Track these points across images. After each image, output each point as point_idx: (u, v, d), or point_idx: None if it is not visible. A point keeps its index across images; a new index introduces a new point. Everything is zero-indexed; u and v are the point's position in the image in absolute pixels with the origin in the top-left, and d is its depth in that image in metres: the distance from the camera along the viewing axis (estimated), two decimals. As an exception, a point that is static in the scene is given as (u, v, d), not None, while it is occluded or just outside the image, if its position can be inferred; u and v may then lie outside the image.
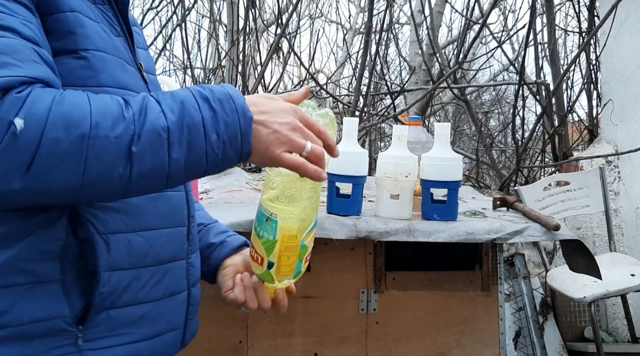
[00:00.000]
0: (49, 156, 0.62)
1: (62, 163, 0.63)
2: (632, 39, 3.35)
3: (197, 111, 0.68)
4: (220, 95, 0.70)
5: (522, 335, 2.83)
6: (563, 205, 3.02)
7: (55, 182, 0.63)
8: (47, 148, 0.62)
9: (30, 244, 0.70)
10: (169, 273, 0.84)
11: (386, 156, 1.71)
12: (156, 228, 0.81)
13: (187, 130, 0.67)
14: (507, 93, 6.56)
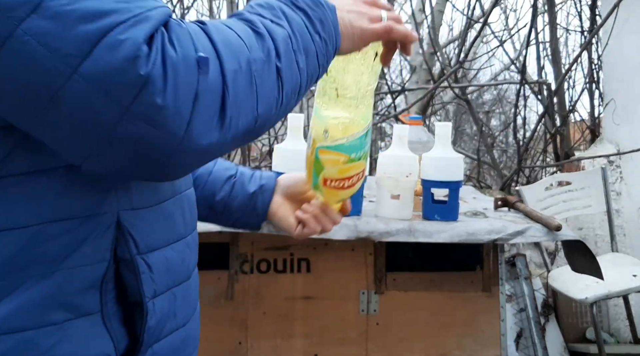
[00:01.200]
0: (234, 88, 0.54)
1: (243, 94, 0.55)
2: (634, 38, 3.34)
3: (295, 13, 0.62)
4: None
5: (523, 336, 2.82)
6: (565, 205, 3.00)
7: (234, 122, 0.55)
8: (230, 79, 0.54)
9: (71, 269, 0.58)
10: (191, 286, 0.74)
11: (387, 156, 1.70)
12: (184, 237, 0.71)
13: (299, 35, 0.61)
14: (509, 93, 6.55)
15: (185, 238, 0.72)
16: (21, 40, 0.48)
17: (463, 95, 4.17)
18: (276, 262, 1.86)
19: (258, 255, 1.84)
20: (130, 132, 0.51)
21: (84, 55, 0.49)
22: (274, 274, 1.87)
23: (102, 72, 0.49)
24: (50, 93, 0.49)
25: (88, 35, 0.49)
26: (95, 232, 0.59)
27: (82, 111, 0.50)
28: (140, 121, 0.50)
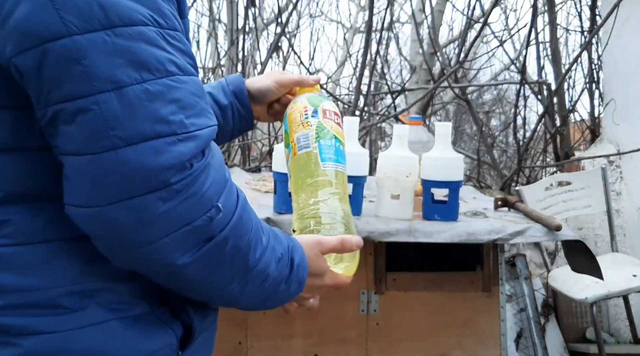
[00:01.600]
0: (215, 249, 0.63)
1: (215, 260, 0.64)
2: (634, 38, 3.33)
3: (285, 268, 0.74)
4: (300, 261, 0.77)
5: (523, 336, 2.82)
6: (565, 205, 3.00)
7: (193, 272, 0.64)
8: (219, 241, 0.63)
9: (130, 274, 0.67)
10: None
11: (387, 156, 1.70)
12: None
13: (272, 282, 0.73)
14: (509, 93, 6.55)
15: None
16: (87, 104, 0.57)
17: (463, 95, 4.17)
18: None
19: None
20: (122, 217, 0.59)
21: (131, 143, 0.57)
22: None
23: (137, 163, 0.58)
24: (87, 151, 0.58)
25: (143, 132, 0.58)
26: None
27: (98, 180, 0.58)
28: (133, 213, 0.59)
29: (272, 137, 4.00)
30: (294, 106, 1.01)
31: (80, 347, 0.63)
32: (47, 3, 0.56)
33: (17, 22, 0.56)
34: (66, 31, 0.56)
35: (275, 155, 1.64)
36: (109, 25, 0.56)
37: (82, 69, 0.57)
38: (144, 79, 0.58)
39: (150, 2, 0.59)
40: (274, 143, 3.91)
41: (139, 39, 0.58)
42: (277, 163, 1.62)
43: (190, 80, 0.62)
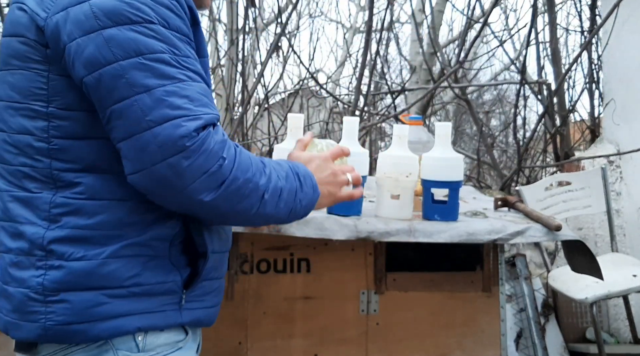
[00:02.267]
0: (229, 186, 0.92)
1: (233, 193, 0.92)
2: (634, 38, 3.34)
3: (294, 181, 1.02)
4: (304, 173, 1.05)
5: (523, 336, 2.82)
6: (565, 206, 3.01)
7: (222, 204, 0.93)
8: (231, 179, 0.91)
9: (156, 228, 0.97)
10: (227, 256, 1.13)
11: (387, 156, 1.70)
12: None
13: (288, 193, 1.00)
14: (509, 93, 6.55)
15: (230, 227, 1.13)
16: (130, 103, 0.89)
17: (463, 95, 4.17)
18: (276, 262, 1.86)
19: (258, 255, 1.84)
20: (163, 172, 0.89)
21: (159, 123, 0.88)
22: (274, 274, 1.87)
23: (164, 136, 0.88)
24: (131, 134, 0.89)
25: (167, 115, 0.88)
26: (169, 214, 0.98)
27: (144, 150, 0.89)
28: (169, 169, 0.89)
29: (272, 137, 4.00)
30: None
31: (109, 270, 0.94)
32: (104, 45, 0.89)
33: (87, 56, 0.90)
34: (115, 59, 0.89)
35: (275, 155, 1.64)
36: (141, 53, 0.89)
37: (125, 81, 0.89)
38: (164, 84, 0.89)
39: (169, 40, 0.92)
40: (274, 143, 3.91)
41: (159, 61, 0.90)
42: (277, 163, 1.62)
43: (196, 85, 0.92)
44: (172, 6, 0.93)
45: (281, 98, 5.41)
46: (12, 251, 0.97)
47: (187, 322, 1.02)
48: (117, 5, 0.90)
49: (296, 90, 4.74)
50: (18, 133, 0.97)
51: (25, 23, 0.94)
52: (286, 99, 5.21)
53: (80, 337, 0.94)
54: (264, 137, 4.22)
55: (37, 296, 0.93)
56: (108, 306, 0.94)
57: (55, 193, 0.95)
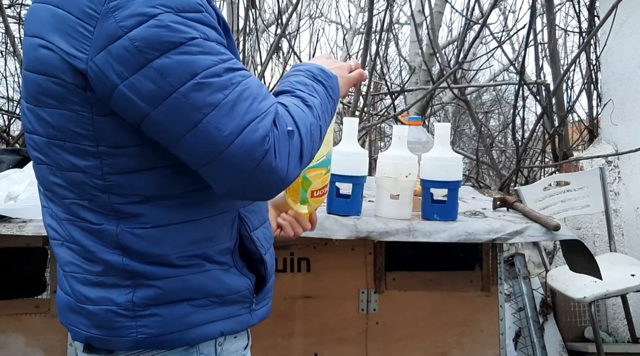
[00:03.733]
0: (305, 145, 0.96)
1: (309, 146, 0.98)
2: (632, 39, 3.35)
3: (318, 85, 1.07)
4: (319, 72, 1.09)
5: (522, 335, 2.83)
6: (563, 205, 3.02)
7: (306, 160, 0.98)
8: (304, 140, 0.96)
9: (221, 242, 1.02)
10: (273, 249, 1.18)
11: (386, 156, 1.71)
12: (266, 220, 1.15)
13: (323, 101, 1.05)
14: (507, 94, 6.56)
15: (267, 220, 1.16)
16: (203, 126, 0.89)
17: (462, 96, 4.18)
18: (276, 262, 1.87)
19: (258, 255, 1.85)
20: (260, 177, 0.92)
21: (239, 134, 0.89)
22: (274, 273, 1.88)
23: (248, 144, 0.89)
24: (215, 154, 0.90)
25: (242, 123, 0.89)
26: (228, 221, 1.04)
27: (233, 165, 0.90)
28: (264, 172, 0.91)
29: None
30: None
31: (195, 285, 1.00)
32: (158, 77, 0.88)
33: (145, 92, 0.88)
34: (173, 89, 0.88)
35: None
36: (195, 73, 0.89)
37: (190, 106, 0.88)
38: (226, 94, 0.90)
39: (214, 50, 0.91)
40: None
41: (214, 75, 0.90)
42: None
43: (251, 80, 0.94)
44: (205, 19, 0.92)
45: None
46: (88, 272, 0.99)
47: (256, 323, 1.09)
48: (156, 33, 0.87)
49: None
50: (69, 171, 0.97)
51: (58, 65, 0.90)
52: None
53: (172, 345, 1.00)
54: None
55: (126, 313, 0.97)
56: (195, 316, 1.00)
57: (118, 225, 0.97)
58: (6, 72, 4.26)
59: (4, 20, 3.42)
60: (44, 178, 1.02)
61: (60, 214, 1.01)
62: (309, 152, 0.99)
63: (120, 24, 0.86)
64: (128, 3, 0.87)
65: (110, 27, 0.87)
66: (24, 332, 1.78)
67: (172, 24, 0.88)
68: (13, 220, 1.58)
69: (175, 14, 0.88)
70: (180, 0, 0.89)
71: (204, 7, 0.93)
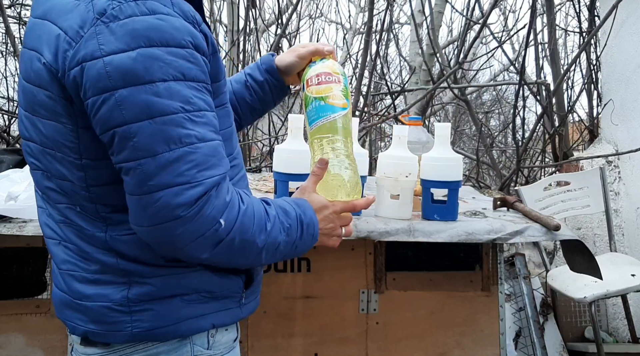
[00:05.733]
0: (226, 246, 0.96)
1: (229, 252, 0.97)
2: (632, 39, 3.35)
3: (296, 232, 1.06)
4: (309, 221, 1.08)
5: (522, 335, 2.83)
6: (563, 205, 3.02)
7: (219, 260, 0.99)
8: (227, 241, 0.96)
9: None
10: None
11: (386, 156, 1.71)
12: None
13: (285, 245, 1.05)
14: (508, 94, 6.56)
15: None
16: (136, 165, 0.91)
17: (462, 96, 4.18)
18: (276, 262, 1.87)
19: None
20: (158, 235, 0.94)
21: (160, 189, 0.90)
22: (274, 273, 1.88)
23: (162, 203, 0.90)
24: (134, 192, 0.92)
25: (169, 183, 0.90)
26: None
27: (144, 211, 0.92)
28: (164, 233, 0.93)
29: (273, 138, 4.01)
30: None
31: (187, 282, 1.03)
32: (116, 107, 0.89)
33: (100, 116, 0.91)
34: (125, 121, 0.90)
35: (276, 155, 1.66)
36: (151, 116, 0.90)
37: (133, 144, 0.90)
38: (171, 148, 0.90)
39: (182, 97, 0.92)
40: (274, 144, 3.92)
41: (170, 123, 0.90)
42: (278, 163, 1.63)
43: (205, 145, 0.93)
44: (187, 55, 0.92)
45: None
46: (85, 270, 1.03)
47: (245, 316, 1.14)
48: (130, 65, 0.89)
49: (296, 90, 4.76)
50: (59, 179, 1.01)
51: (47, 78, 0.95)
52: (286, 99, 5.22)
53: (166, 337, 1.04)
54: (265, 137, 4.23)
55: (121, 308, 1.01)
56: (187, 310, 1.04)
57: (106, 232, 1.01)
58: (6, 72, 4.26)
59: (4, 20, 3.41)
60: (40, 182, 1.06)
61: (55, 216, 1.06)
62: (231, 256, 0.98)
63: (101, 46, 0.89)
64: (115, 29, 0.89)
65: (91, 46, 0.90)
66: (24, 332, 1.78)
67: (147, 60, 0.89)
68: (13, 220, 1.58)
69: (157, 49, 0.90)
70: (165, 35, 0.90)
71: (193, 41, 0.93)
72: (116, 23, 0.89)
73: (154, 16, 0.91)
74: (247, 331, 1.86)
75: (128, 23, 0.89)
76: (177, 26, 0.92)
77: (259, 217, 1.01)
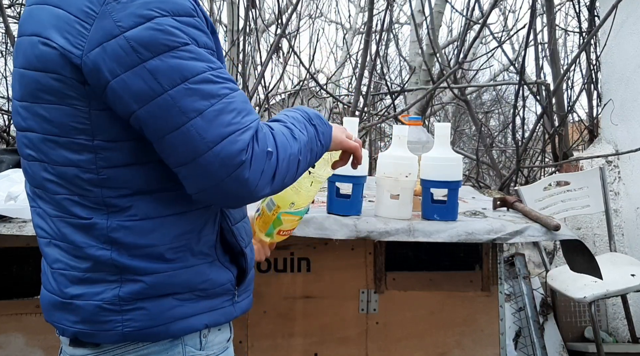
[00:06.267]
0: (279, 170, 1.01)
1: (283, 172, 1.02)
2: (632, 39, 3.35)
3: (311, 126, 1.12)
4: (315, 117, 1.14)
5: (522, 335, 2.83)
6: (563, 205, 3.02)
7: (277, 184, 1.02)
8: (280, 166, 1.01)
9: (206, 235, 1.07)
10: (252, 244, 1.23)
11: (386, 156, 1.71)
12: (246, 215, 1.20)
13: (311, 141, 1.10)
14: (507, 93, 6.56)
15: (247, 216, 1.21)
16: (186, 129, 0.93)
17: (462, 96, 4.18)
18: (276, 261, 1.87)
19: (258, 255, 1.85)
20: (230, 186, 0.96)
21: (217, 142, 0.93)
22: (274, 273, 1.88)
23: (225, 153, 0.94)
24: (193, 157, 0.94)
25: (223, 133, 0.94)
26: (212, 215, 1.08)
27: (207, 171, 0.94)
28: (235, 182, 0.96)
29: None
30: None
31: (180, 280, 1.04)
32: (150, 78, 0.92)
33: (135, 90, 0.92)
34: (163, 90, 0.92)
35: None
36: (185, 78, 0.93)
37: (178, 109, 0.93)
38: (212, 103, 0.94)
39: (204, 57, 0.95)
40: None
41: (203, 81, 0.94)
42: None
43: (237, 94, 0.98)
44: (197, 23, 0.97)
45: (281, 99, 5.42)
46: (75, 269, 1.03)
47: (238, 315, 1.14)
48: (152, 35, 0.91)
49: (296, 90, 4.76)
50: (62, 166, 1.00)
51: (57, 60, 0.94)
52: (286, 100, 5.22)
53: (157, 337, 1.03)
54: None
55: (112, 307, 1.01)
56: (180, 309, 1.04)
57: (108, 218, 1.00)
58: (6, 72, 4.26)
59: (4, 20, 3.41)
60: (36, 175, 1.05)
61: (50, 211, 1.04)
62: (282, 178, 1.03)
63: (118, 24, 0.90)
64: (126, 4, 0.91)
65: (108, 26, 0.91)
66: (24, 332, 1.78)
67: (167, 28, 0.92)
68: (13, 220, 1.58)
69: (171, 18, 0.93)
70: (175, 5, 0.94)
71: (196, 11, 0.97)
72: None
73: None
74: (247, 331, 1.86)
75: None
76: None
77: (285, 131, 1.06)
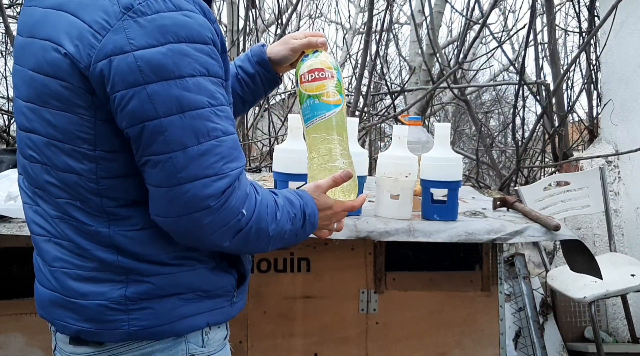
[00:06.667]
0: (244, 235, 1.01)
1: (245, 240, 1.02)
2: (632, 39, 3.35)
3: (299, 221, 1.11)
4: (311, 212, 1.13)
5: (522, 335, 2.84)
6: (563, 205, 3.02)
7: (236, 248, 1.04)
8: (246, 230, 1.00)
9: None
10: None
11: (386, 156, 1.71)
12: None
13: (290, 233, 1.10)
14: (507, 94, 6.56)
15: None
16: (166, 159, 0.94)
17: (462, 96, 4.18)
18: (276, 262, 1.87)
19: (258, 255, 1.85)
20: (185, 224, 0.97)
21: (190, 181, 0.94)
22: (274, 273, 1.88)
23: (192, 193, 0.94)
24: (163, 185, 0.95)
25: (199, 175, 0.94)
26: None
27: (171, 202, 0.95)
28: (191, 222, 0.96)
29: (273, 138, 4.01)
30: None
31: (184, 281, 1.05)
32: (148, 101, 0.92)
33: (130, 109, 0.93)
34: (156, 116, 0.92)
35: (276, 155, 1.66)
36: (182, 110, 0.93)
37: (164, 138, 0.93)
38: (200, 142, 0.94)
39: (207, 91, 0.95)
40: (274, 144, 3.92)
41: (199, 117, 0.94)
42: (277, 163, 1.63)
43: (229, 138, 0.98)
44: (210, 52, 0.96)
45: (281, 99, 5.43)
46: (80, 267, 1.03)
47: (235, 314, 1.16)
48: (161, 60, 0.91)
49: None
50: (64, 172, 1.01)
51: (66, 68, 0.95)
52: (286, 99, 5.23)
53: (162, 336, 1.05)
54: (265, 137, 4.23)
55: (118, 307, 1.02)
56: (184, 308, 1.06)
57: (109, 227, 1.01)
58: (6, 72, 4.26)
59: (4, 20, 3.41)
60: (38, 177, 1.04)
61: (51, 212, 1.04)
62: (245, 242, 1.03)
63: (130, 41, 0.91)
64: (143, 25, 0.91)
65: (120, 41, 0.91)
66: (24, 332, 1.78)
67: (177, 56, 0.92)
68: (13, 220, 1.58)
69: (185, 45, 0.93)
70: (191, 31, 0.94)
71: (212, 38, 0.97)
72: (144, 18, 0.91)
73: (180, 12, 0.93)
74: (247, 332, 1.86)
75: (157, 19, 0.91)
76: (201, 23, 0.95)
77: (271, 207, 1.05)
